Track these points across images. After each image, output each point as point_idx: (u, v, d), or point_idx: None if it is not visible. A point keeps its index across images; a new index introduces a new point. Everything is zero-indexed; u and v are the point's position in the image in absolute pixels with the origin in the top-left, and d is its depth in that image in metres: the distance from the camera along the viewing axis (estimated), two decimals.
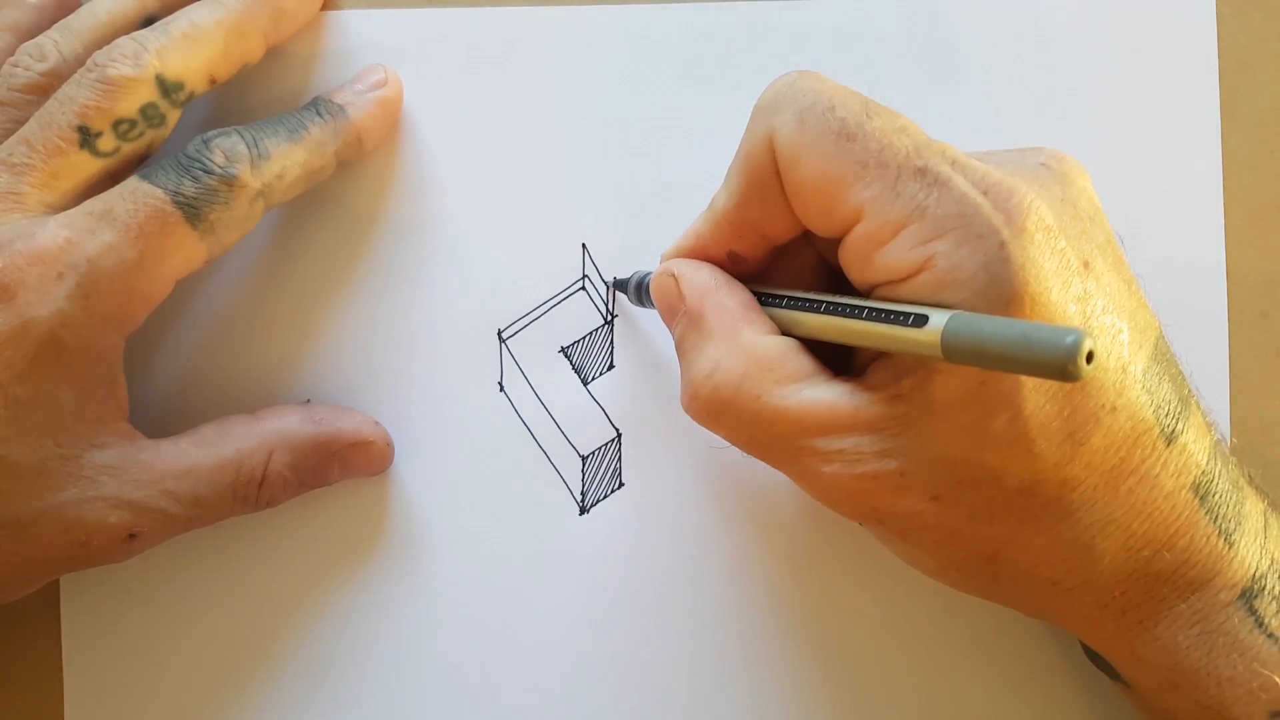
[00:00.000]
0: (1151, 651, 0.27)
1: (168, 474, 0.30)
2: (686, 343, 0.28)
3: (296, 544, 0.34)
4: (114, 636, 0.34)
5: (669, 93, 0.34)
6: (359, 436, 0.33)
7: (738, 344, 0.27)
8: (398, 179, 0.34)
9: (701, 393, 0.27)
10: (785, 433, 0.26)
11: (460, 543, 0.34)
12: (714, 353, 0.27)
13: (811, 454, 0.26)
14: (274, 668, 0.34)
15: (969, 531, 0.26)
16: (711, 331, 0.28)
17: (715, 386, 0.27)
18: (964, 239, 0.24)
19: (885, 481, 0.25)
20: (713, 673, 0.33)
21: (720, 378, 0.27)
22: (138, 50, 0.30)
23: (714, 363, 0.27)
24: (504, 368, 0.34)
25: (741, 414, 0.27)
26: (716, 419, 0.27)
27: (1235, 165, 0.33)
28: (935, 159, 0.25)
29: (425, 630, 0.34)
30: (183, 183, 0.29)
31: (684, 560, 0.34)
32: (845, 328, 0.26)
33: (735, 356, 0.27)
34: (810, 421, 0.26)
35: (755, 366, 0.27)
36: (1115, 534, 0.26)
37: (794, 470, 0.27)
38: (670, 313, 0.29)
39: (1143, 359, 0.25)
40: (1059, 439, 0.24)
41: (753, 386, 0.26)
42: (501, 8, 0.34)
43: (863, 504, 0.26)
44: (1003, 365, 0.22)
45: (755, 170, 0.27)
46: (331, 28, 0.34)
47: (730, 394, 0.27)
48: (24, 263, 0.28)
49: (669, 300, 0.29)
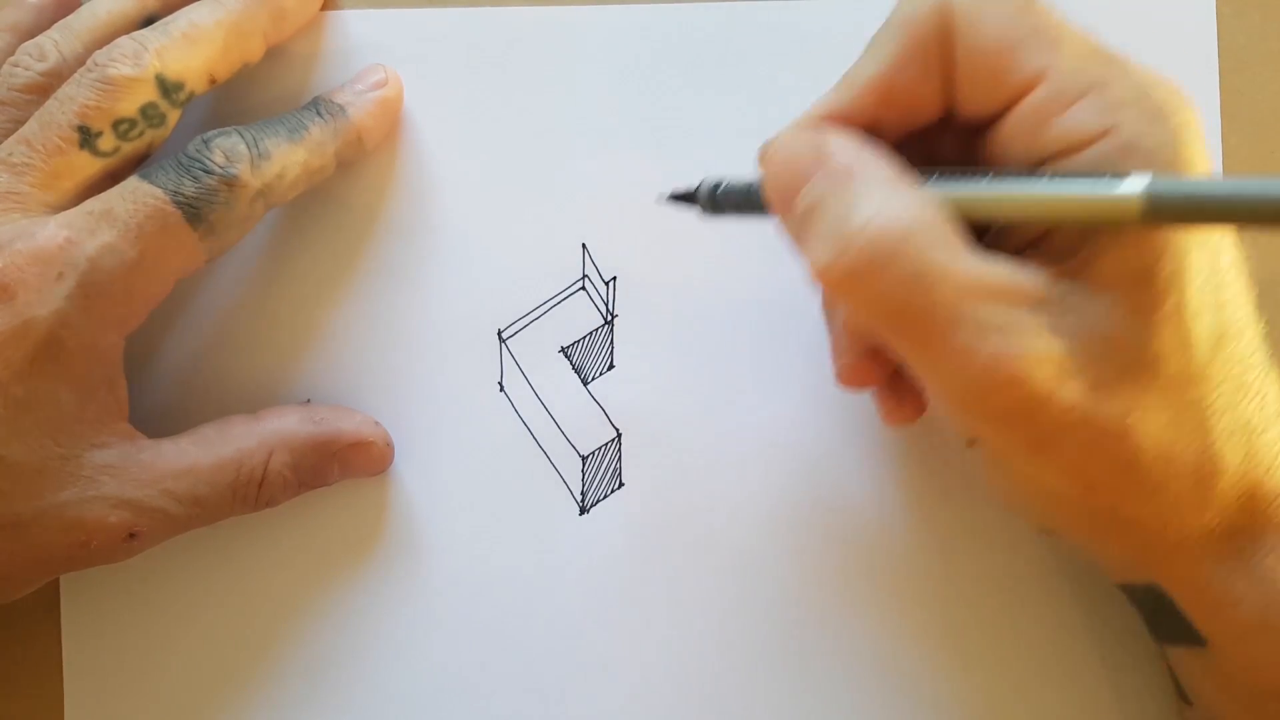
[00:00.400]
0: (1250, 586, 0.26)
1: (167, 473, 0.30)
2: (831, 199, 0.25)
3: (296, 544, 0.34)
4: (114, 636, 0.34)
5: (669, 93, 0.34)
6: (359, 437, 0.33)
7: (900, 197, 0.24)
8: (398, 179, 0.34)
9: (855, 244, 0.24)
10: (950, 297, 0.24)
11: (460, 542, 0.34)
12: (874, 202, 0.24)
13: (976, 326, 0.24)
14: (274, 668, 0.34)
15: (1118, 429, 0.24)
16: (869, 182, 0.25)
17: (876, 234, 0.24)
18: (1144, 114, 0.24)
19: (1050, 364, 0.24)
20: (713, 672, 0.33)
21: (881, 225, 0.24)
22: (138, 50, 0.30)
23: (873, 211, 0.24)
24: (504, 368, 0.34)
25: (901, 270, 0.24)
26: (870, 277, 0.24)
27: (1235, 165, 0.33)
28: (1108, 47, 0.25)
29: (425, 630, 0.34)
30: (183, 182, 0.29)
31: (684, 560, 0.34)
32: (1024, 197, 0.24)
33: (900, 206, 0.24)
34: (984, 285, 0.24)
35: (921, 221, 0.24)
36: (1238, 446, 0.25)
37: (942, 350, 0.24)
38: (801, 177, 0.26)
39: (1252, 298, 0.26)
40: (1212, 333, 0.25)
41: (919, 239, 0.24)
42: (501, 8, 0.34)
43: (1013, 394, 0.24)
44: (1219, 216, 0.22)
45: (921, 29, 0.26)
46: (331, 28, 0.34)
47: (893, 243, 0.24)
48: (24, 262, 0.28)
49: (805, 162, 0.26)
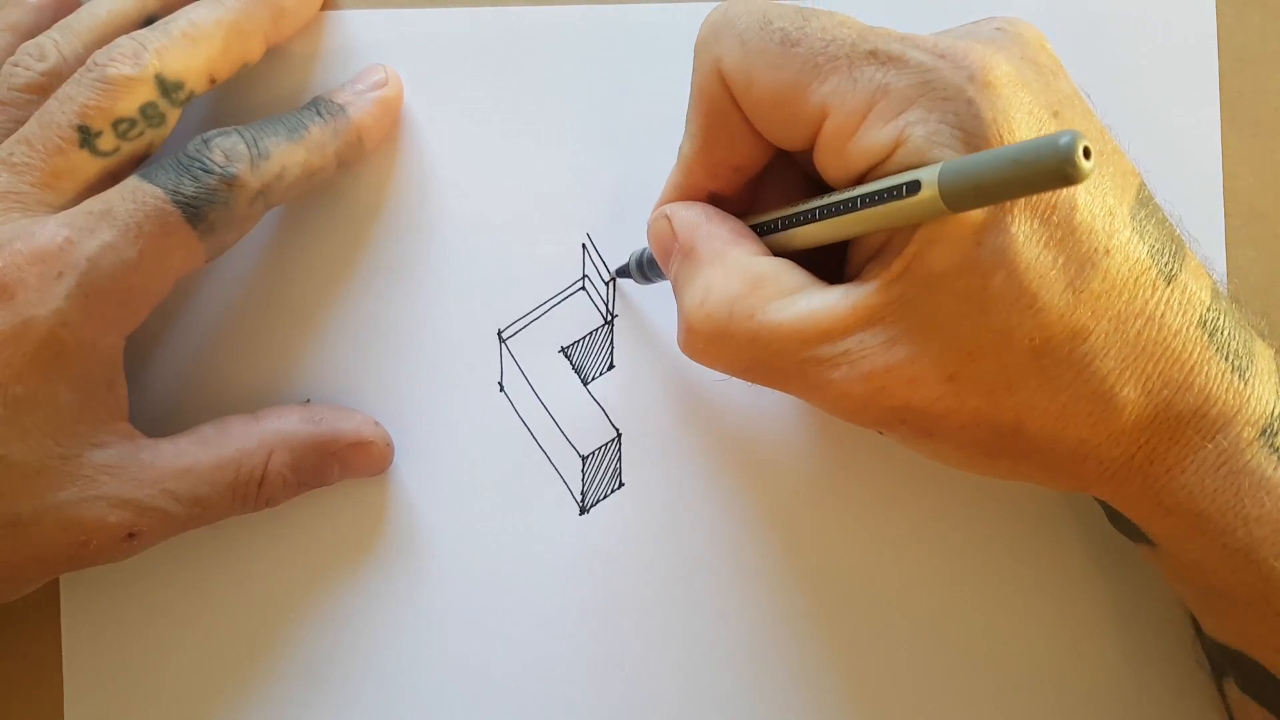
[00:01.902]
0: (1178, 499, 0.26)
1: (167, 473, 0.30)
2: (681, 277, 0.28)
3: (296, 544, 0.34)
4: (114, 636, 0.34)
5: (668, 92, 0.34)
6: (359, 436, 0.33)
7: (727, 266, 0.27)
8: (398, 179, 0.34)
9: (695, 320, 0.27)
10: (786, 347, 0.26)
11: (460, 543, 0.34)
12: (705, 279, 0.27)
13: (817, 364, 0.26)
14: (274, 668, 0.34)
15: (989, 407, 0.25)
16: (702, 259, 0.27)
17: (709, 311, 0.27)
18: (932, 104, 0.24)
19: (898, 373, 0.25)
20: (713, 672, 0.33)
21: (713, 301, 0.27)
22: (137, 50, 0.30)
23: (705, 289, 0.27)
24: (504, 368, 0.34)
25: (738, 336, 0.26)
26: (715, 346, 0.27)
27: (1235, 165, 0.33)
28: (882, 40, 0.25)
29: (425, 630, 0.34)
30: (182, 182, 0.29)
31: (684, 560, 0.34)
32: (839, 225, 0.26)
33: (726, 279, 0.27)
34: (809, 330, 0.25)
35: (746, 285, 0.26)
36: (1133, 379, 0.25)
37: (802, 386, 0.26)
38: (665, 254, 0.29)
39: (1128, 202, 0.25)
40: (1060, 288, 0.24)
41: (746, 305, 0.26)
42: (501, 8, 0.34)
43: (880, 405, 0.26)
44: (1006, 191, 0.21)
45: (711, 104, 0.27)
46: (331, 28, 0.34)
47: (724, 317, 0.26)
48: (24, 262, 0.28)
49: (664, 242, 0.29)
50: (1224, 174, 0.33)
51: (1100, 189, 0.25)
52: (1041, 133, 0.24)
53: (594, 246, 0.34)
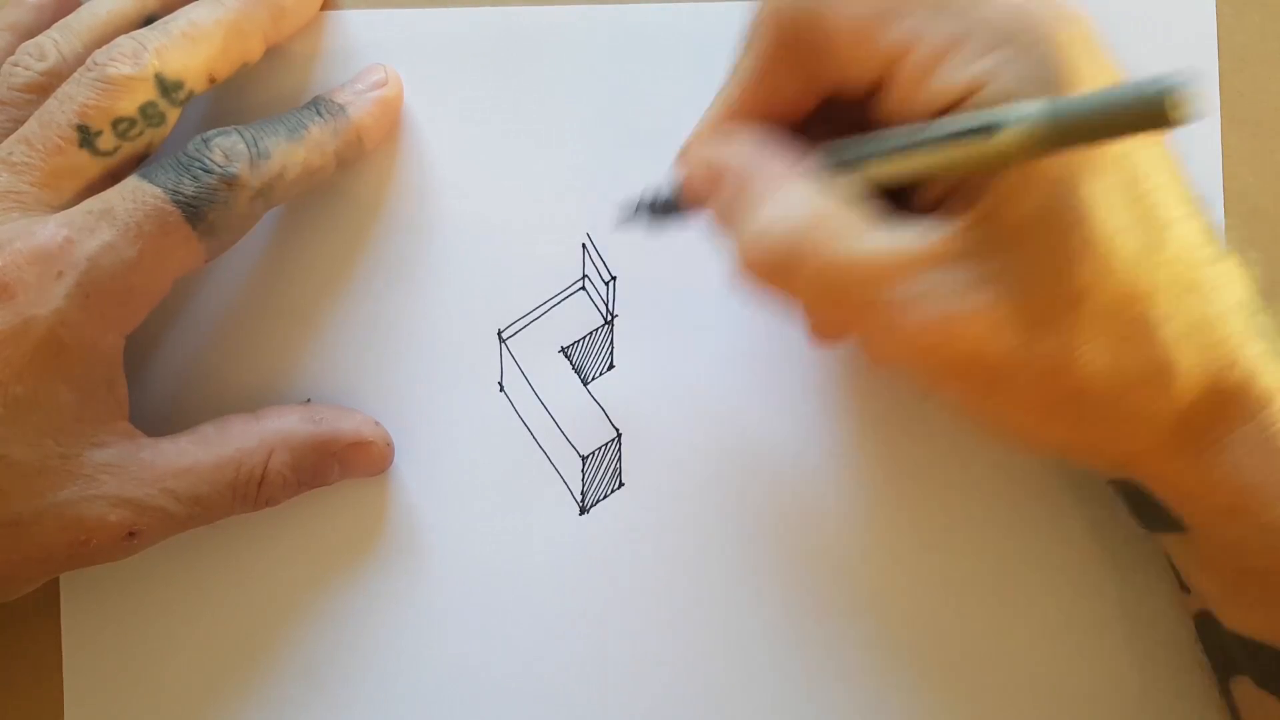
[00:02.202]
0: (1222, 474, 0.26)
1: (167, 472, 0.30)
2: (734, 209, 0.26)
3: (296, 544, 0.34)
4: (114, 636, 0.34)
5: (669, 92, 0.34)
6: (359, 437, 0.33)
7: (794, 195, 0.25)
8: (398, 179, 0.34)
9: (755, 253, 0.25)
10: (860, 281, 0.24)
11: (460, 543, 0.34)
12: (769, 210, 0.25)
13: (888, 303, 0.24)
14: (274, 668, 0.34)
15: (1060, 362, 0.25)
16: (761, 189, 0.26)
17: (771, 244, 0.25)
18: (1016, 51, 0.24)
19: (976, 320, 0.24)
20: (713, 672, 0.33)
21: (780, 230, 0.25)
22: (137, 49, 0.30)
23: (771, 217, 0.25)
24: (504, 368, 0.34)
25: (804, 270, 0.25)
26: (779, 275, 0.25)
27: (1235, 165, 0.33)
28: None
29: (425, 630, 0.34)
30: (182, 182, 0.29)
31: (684, 560, 0.34)
32: (917, 161, 0.25)
33: (794, 207, 0.25)
34: (887, 264, 0.24)
35: (816, 215, 0.25)
36: (1191, 348, 0.25)
37: (872, 327, 0.25)
38: (710, 186, 0.27)
39: (1182, 180, 0.26)
40: (1134, 249, 0.24)
41: (816, 236, 0.25)
42: (501, 8, 0.34)
43: (948, 353, 0.25)
44: (1104, 131, 0.21)
45: (780, 31, 0.26)
46: (331, 28, 0.34)
47: (791, 246, 0.25)
48: (24, 261, 0.28)
49: (704, 179, 0.27)
50: (1224, 174, 0.33)
51: (1167, 162, 0.25)
52: None
53: (594, 246, 0.34)
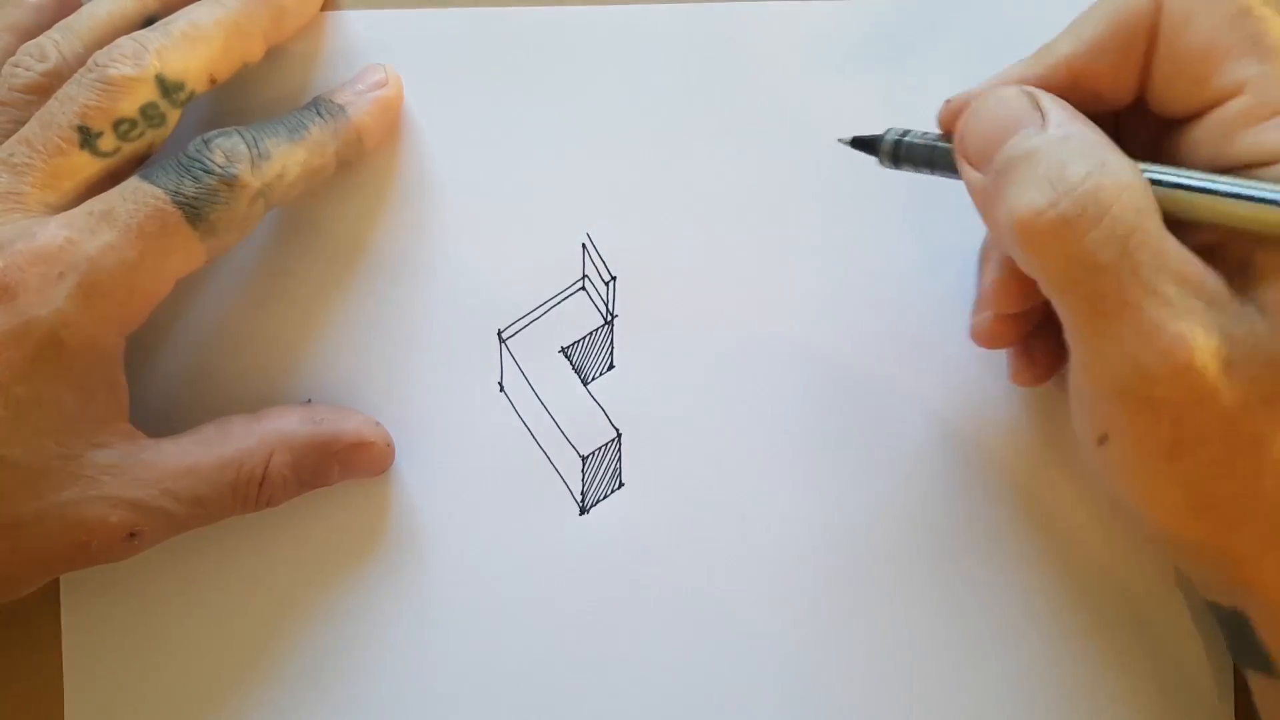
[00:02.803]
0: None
1: (168, 473, 0.30)
2: (1048, 151, 0.25)
3: (296, 544, 0.34)
4: (114, 636, 0.34)
5: (669, 93, 0.34)
6: (359, 437, 0.33)
7: (1121, 158, 0.25)
8: (398, 179, 0.34)
9: (1074, 192, 0.24)
10: (1151, 265, 0.24)
11: (460, 543, 0.34)
12: (1095, 157, 0.24)
13: (1167, 302, 0.24)
14: (274, 668, 0.34)
15: (1253, 447, 0.24)
16: (1088, 140, 0.25)
17: (1095, 187, 0.24)
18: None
19: (1221, 362, 0.23)
20: (713, 672, 0.33)
21: (1108, 177, 0.24)
22: (138, 50, 0.30)
23: (1096, 165, 0.24)
24: (504, 368, 0.34)
25: (1113, 227, 0.24)
26: (1078, 226, 0.24)
27: None
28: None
29: (425, 630, 0.34)
30: (183, 183, 0.29)
31: (684, 560, 0.34)
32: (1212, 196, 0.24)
33: (1128, 165, 0.24)
34: (1179, 266, 0.24)
35: (1140, 186, 0.24)
36: None
37: (1130, 316, 0.24)
38: (1012, 130, 0.26)
39: None
40: None
41: (1137, 201, 0.24)
42: (501, 8, 0.34)
43: (1183, 381, 0.24)
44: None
45: (1127, 19, 0.26)
46: (331, 28, 0.34)
47: (1111, 199, 0.24)
48: (25, 263, 0.28)
49: (1016, 114, 0.26)
50: None
51: None
52: None
53: (594, 246, 0.34)
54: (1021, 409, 0.33)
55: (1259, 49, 0.25)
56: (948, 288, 0.33)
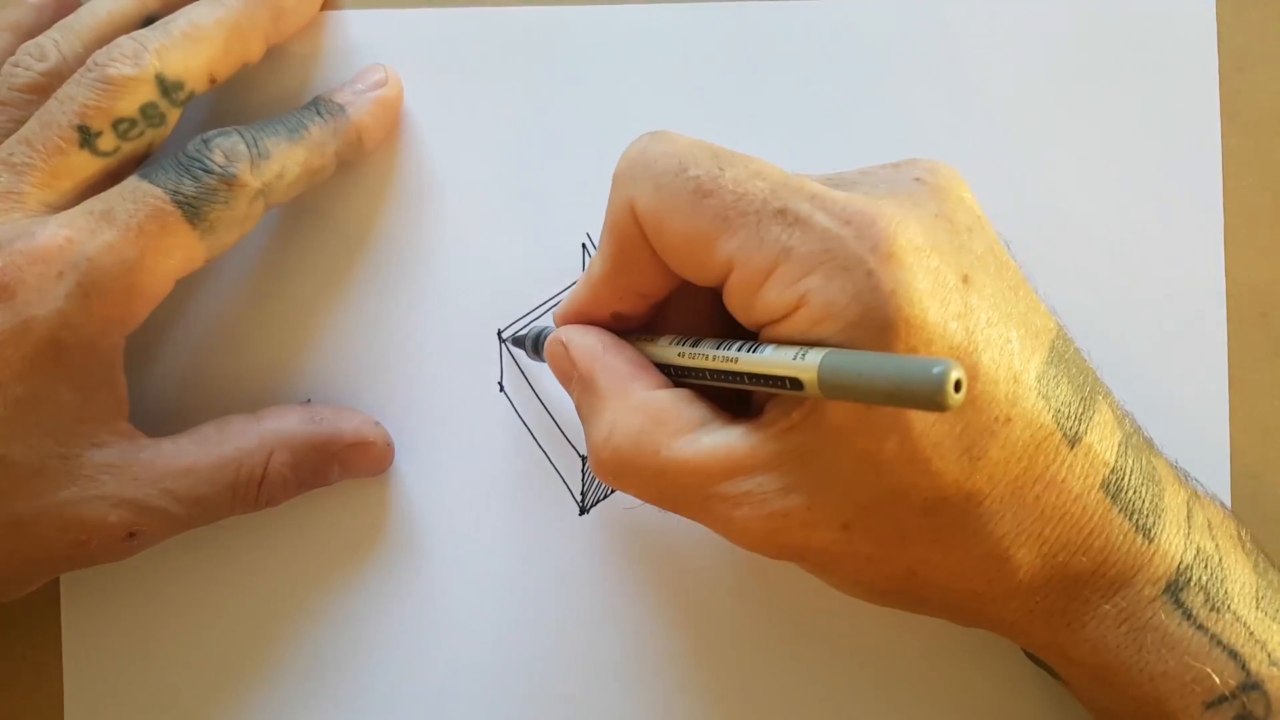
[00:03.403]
0: (1082, 652, 0.27)
1: (168, 473, 0.30)
2: (584, 407, 0.28)
3: (296, 544, 0.34)
4: (114, 636, 0.34)
5: (669, 93, 0.34)
6: (359, 437, 0.33)
7: (629, 402, 0.27)
8: (398, 179, 0.34)
9: (604, 455, 0.27)
10: (690, 483, 0.26)
11: (460, 543, 0.34)
12: (609, 415, 0.27)
13: (719, 500, 0.26)
14: (274, 668, 0.34)
15: (883, 555, 0.26)
16: (604, 393, 0.27)
17: (615, 447, 0.27)
18: (832, 273, 0.24)
19: (794, 518, 0.25)
20: (713, 673, 0.33)
21: (618, 438, 0.27)
22: (137, 50, 0.30)
23: (610, 425, 0.27)
24: (504, 368, 0.34)
25: (644, 470, 0.26)
26: (622, 478, 0.27)
27: (1235, 165, 0.33)
28: (793, 198, 0.25)
29: (425, 630, 0.34)
30: (182, 182, 0.29)
31: (684, 560, 0.33)
32: (734, 367, 0.26)
33: (629, 415, 0.27)
34: (712, 468, 0.26)
35: (649, 421, 0.26)
36: (1028, 542, 0.26)
37: (707, 518, 0.27)
38: (565, 378, 0.29)
39: (1036, 365, 0.25)
40: (955, 455, 0.24)
41: (650, 442, 0.26)
42: (501, 8, 0.34)
43: (777, 543, 0.26)
44: (877, 400, 0.22)
45: (622, 238, 0.27)
46: (331, 28, 0.34)
47: (630, 452, 0.26)
48: (24, 262, 0.28)
49: (562, 366, 0.29)
50: (1224, 174, 0.33)
51: (1005, 354, 0.25)
52: (946, 303, 0.24)
53: (594, 246, 0.34)
54: None
55: (725, 223, 0.25)
56: None
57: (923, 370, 0.21)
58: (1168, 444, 0.29)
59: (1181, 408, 0.33)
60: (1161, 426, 0.29)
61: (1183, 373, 0.33)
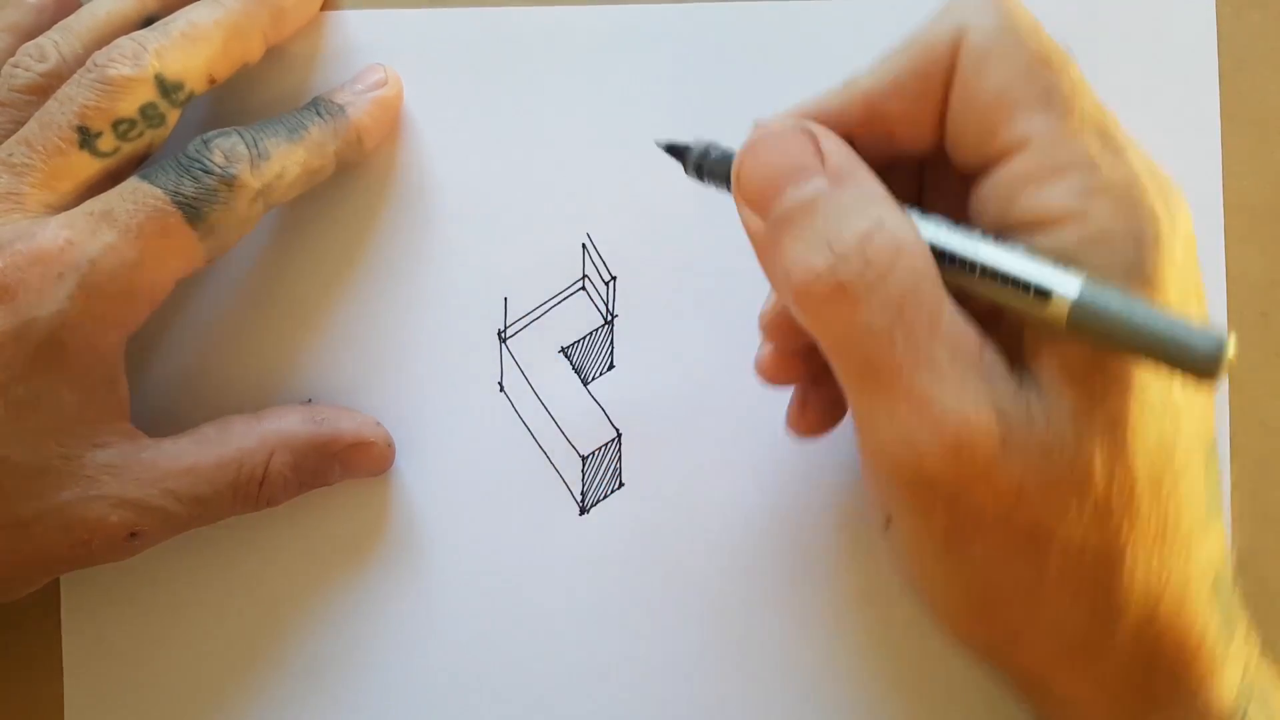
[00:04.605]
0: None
1: (169, 473, 0.30)
2: (825, 204, 0.23)
3: (296, 544, 0.34)
4: (114, 636, 0.34)
5: (667, 93, 0.34)
6: (360, 437, 0.33)
7: (899, 212, 0.23)
8: (398, 179, 0.34)
9: (852, 255, 0.22)
10: (928, 333, 0.22)
11: (460, 543, 0.34)
12: (873, 213, 0.23)
13: (942, 373, 0.22)
14: (274, 668, 0.34)
15: (1028, 541, 0.23)
16: (866, 193, 0.23)
17: (875, 250, 0.22)
18: (1126, 208, 0.22)
19: (995, 442, 0.22)
20: (713, 672, 0.33)
21: (885, 238, 0.22)
22: (137, 50, 0.30)
23: (873, 223, 0.23)
24: (504, 368, 0.34)
25: (896, 286, 0.22)
26: (863, 286, 0.22)
27: (1235, 165, 0.33)
28: (1116, 127, 0.23)
29: (425, 630, 0.34)
30: (182, 183, 0.29)
31: (684, 560, 0.34)
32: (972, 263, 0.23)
33: (906, 224, 0.23)
34: (958, 336, 0.22)
35: (920, 244, 0.23)
36: (1141, 602, 0.23)
37: (904, 386, 0.22)
38: (790, 176, 0.24)
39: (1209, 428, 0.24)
40: (1150, 467, 0.23)
41: (917, 262, 0.23)
42: (501, 8, 0.34)
43: (954, 459, 0.22)
44: (1133, 345, 0.21)
45: (927, 58, 0.24)
46: (331, 28, 0.34)
47: (889, 261, 0.22)
48: (24, 263, 0.28)
49: (796, 158, 0.24)
50: (1224, 174, 0.33)
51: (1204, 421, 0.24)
52: (1186, 301, 0.23)
53: (594, 246, 0.34)
54: None
55: (1049, 103, 0.23)
56: None
57: (1201, 332, 0.20)
58: None
59: None
60: None
61: None
